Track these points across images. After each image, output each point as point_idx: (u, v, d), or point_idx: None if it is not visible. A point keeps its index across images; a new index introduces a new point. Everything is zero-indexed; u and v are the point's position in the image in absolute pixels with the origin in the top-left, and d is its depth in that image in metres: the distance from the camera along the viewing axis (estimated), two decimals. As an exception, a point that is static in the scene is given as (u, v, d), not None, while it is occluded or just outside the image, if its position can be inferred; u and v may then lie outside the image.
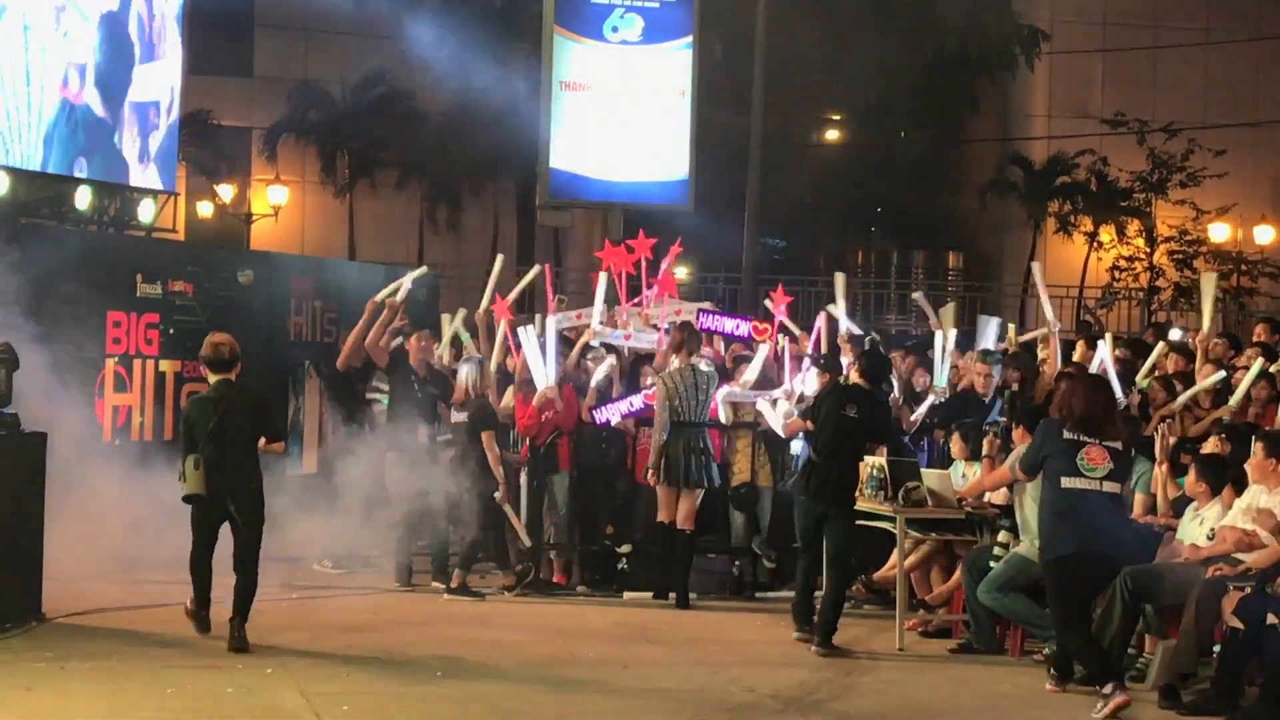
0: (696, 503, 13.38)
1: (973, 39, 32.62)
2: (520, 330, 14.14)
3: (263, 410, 11.17)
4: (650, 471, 13.32)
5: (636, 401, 13.84)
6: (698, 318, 14.45)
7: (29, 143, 18.96)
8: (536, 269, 15.76)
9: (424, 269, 16.23)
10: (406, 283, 14.87)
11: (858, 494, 11.93)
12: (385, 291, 14.60)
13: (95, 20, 19.77)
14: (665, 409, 13.22)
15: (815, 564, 11.97)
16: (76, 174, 19.75)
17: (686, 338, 13.53)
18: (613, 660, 11.07)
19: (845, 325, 15.08)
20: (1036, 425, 10.51)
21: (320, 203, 35.53)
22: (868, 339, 15.37)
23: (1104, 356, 13.96)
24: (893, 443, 13.52)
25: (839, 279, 15.78)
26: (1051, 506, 9.96)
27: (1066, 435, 9.94)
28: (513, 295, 15.42)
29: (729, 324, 14.73)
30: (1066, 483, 9.88)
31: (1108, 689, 9.64)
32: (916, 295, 16.26)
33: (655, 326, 14.43)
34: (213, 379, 11.02)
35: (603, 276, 14.79)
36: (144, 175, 21.05)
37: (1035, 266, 16.85)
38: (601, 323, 14.49)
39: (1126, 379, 13.92)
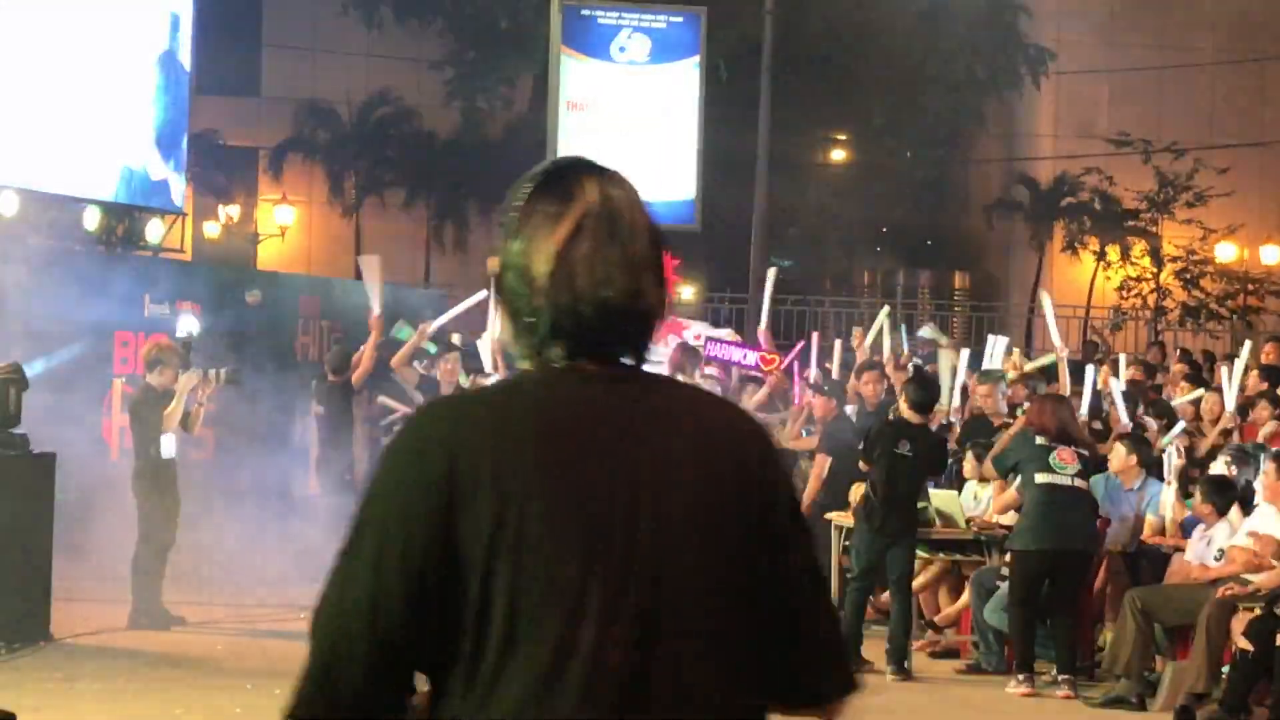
0: None
1: (979, 59, 32.66)
2: None
3: None
4: None
5: (750, 357, 13.87)
6: (705, 346, 14.44)
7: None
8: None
9: (483, 293, 15.97)
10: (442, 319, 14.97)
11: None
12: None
13: (152, 62, 19.48)
14: None
15: (868, 593, 11.82)
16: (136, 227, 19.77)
17: (685, 358, 13.56)
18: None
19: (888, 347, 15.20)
20: None
21: (327, 222, 35.56)
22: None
23: (1094, 381, 13.95)
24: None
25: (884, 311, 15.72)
26: (1030, 502, 10.91)
27: (1039, 442, 10.97)
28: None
29: (736, 354, 14.72)
30: (1041, 479, 10.83)
31: (1021, 677, 10.72)
32: (924, 331, 16.24)
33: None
34: None
35: None
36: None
37: (1044, 295, 16.80)
38: None
39: (1135, 400, 13.92)
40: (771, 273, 15.96)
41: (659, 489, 2.46)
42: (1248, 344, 15.61)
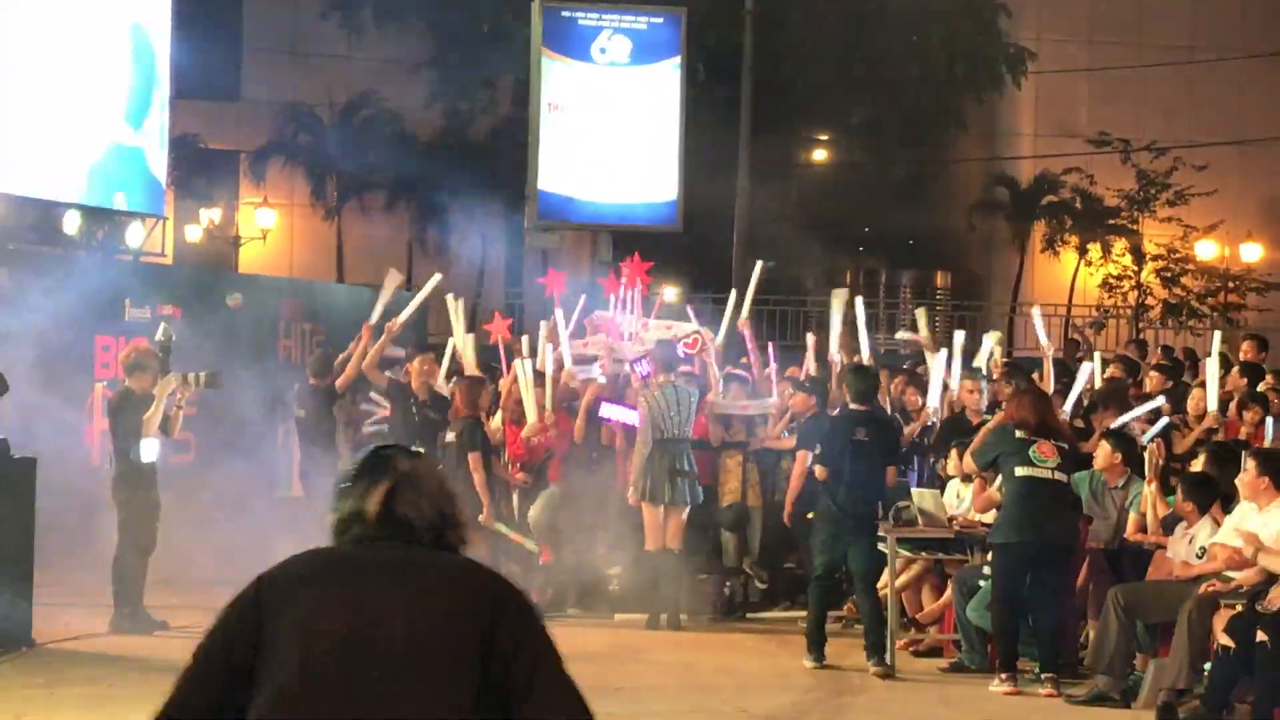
0: (683, 520, 13.37)
1: (960, 59, 32.70)
2: (517, 362, 14.13)
3: None
4: (633, 491, 13.32)
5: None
6: (635, 365, 14.36)
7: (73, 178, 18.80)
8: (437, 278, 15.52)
9: (438, 276, 15.88)
10: (415, 303, 14.89)
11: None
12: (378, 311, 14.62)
13: (125, 34, 19.31)
14: (647, 426, 13.25)
15: (832, 591, 12.01)
16: (116, 208, 19.60)
17: (662, 354, 13.58)
18: (606, 682, 11.05)
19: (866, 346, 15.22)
20: None
21: (309, 225, 35.50)
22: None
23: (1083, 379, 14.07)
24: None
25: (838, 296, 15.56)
26: (1010, 495, 10.96)
27: (1019, 435, 11.01)
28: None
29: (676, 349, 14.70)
30: (1021, 472, 10.89)
31: (1004, 676, 10.77)
32: (903, 334, 16.25)
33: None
34: None
35: (558, 312, 14.80)
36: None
37: (1035, 310, 16.80)
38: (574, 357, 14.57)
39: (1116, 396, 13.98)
40: (759, 266, 15.99)
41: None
42: (1218, 334, 15.65)
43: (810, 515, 12.41)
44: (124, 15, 19.04)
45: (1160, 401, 13.36)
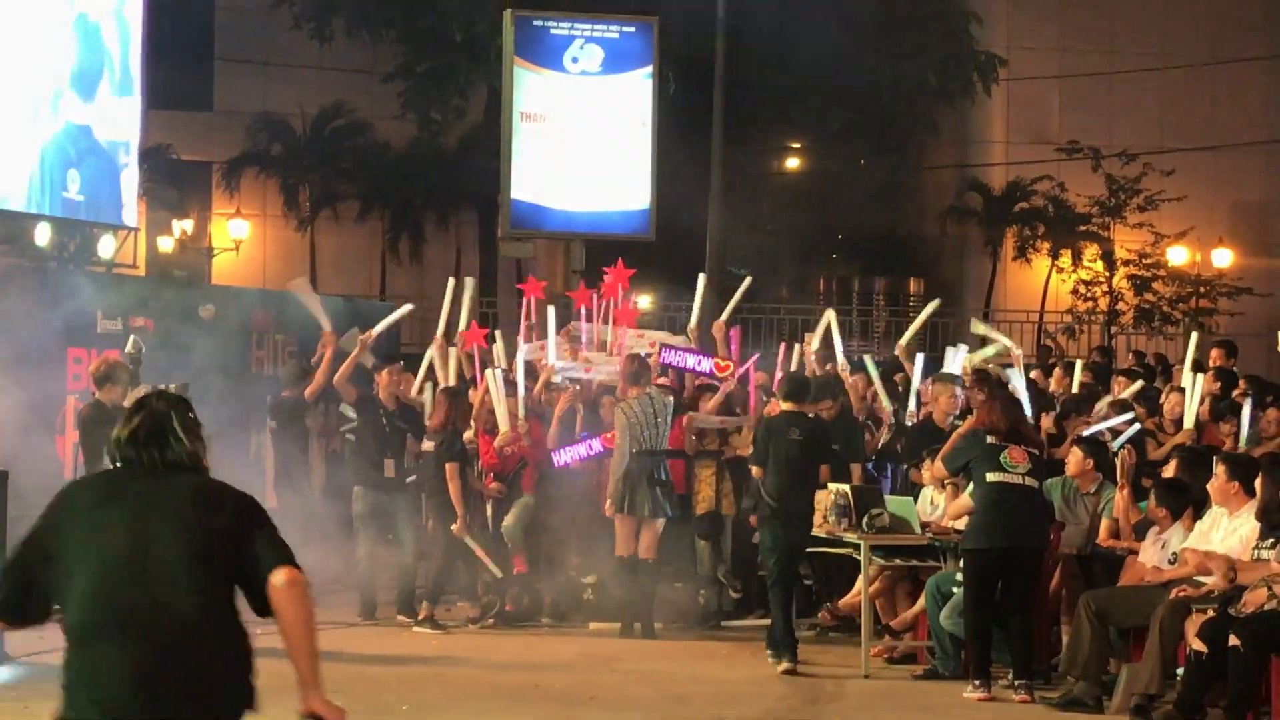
0: (658, 532, 13.37)
1: (932, 66, 32.77)
2: (487, 371, 14.13)
3: None
4: (610, 502, 13.31)
5: (596, 445, 13.78)
6: (660, 354, 14.41)
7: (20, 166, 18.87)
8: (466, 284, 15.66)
9: (408, 306, 16.02)
10: (381, 327, 14.93)
11: (821, 520, 12.02)
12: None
13: (70, 23, 19.57)
14: (625, 438, 13.24)
15: (791, 592, 12.10)
16: (70, 185, 19.62)
17: (637, 368, 13.56)
18: (579, 691, 11.07)
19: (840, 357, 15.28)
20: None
21: (282, 236, 35.46)
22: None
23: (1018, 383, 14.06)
24: (861, 468, 13.63)
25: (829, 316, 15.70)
26: (981, 500, 10.91)
27: (990, 441, 10.97)
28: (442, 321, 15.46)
29: (691, 360, 14.69)
30: (992, 477, 10.86)
31: (977, 682, 10.80)
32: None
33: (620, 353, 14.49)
34: None
35: (550, 310, 14.84)
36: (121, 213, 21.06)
37: (975, 322, 16.97)
38: (559, 356, 14.55)
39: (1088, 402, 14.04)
40: (747, 281, 16.19)
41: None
42: (1195, 336, 15.72)
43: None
44: (69, 7, 19.28)
45: (1129, 416, 13.37)
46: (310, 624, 5.24)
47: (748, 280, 16.33)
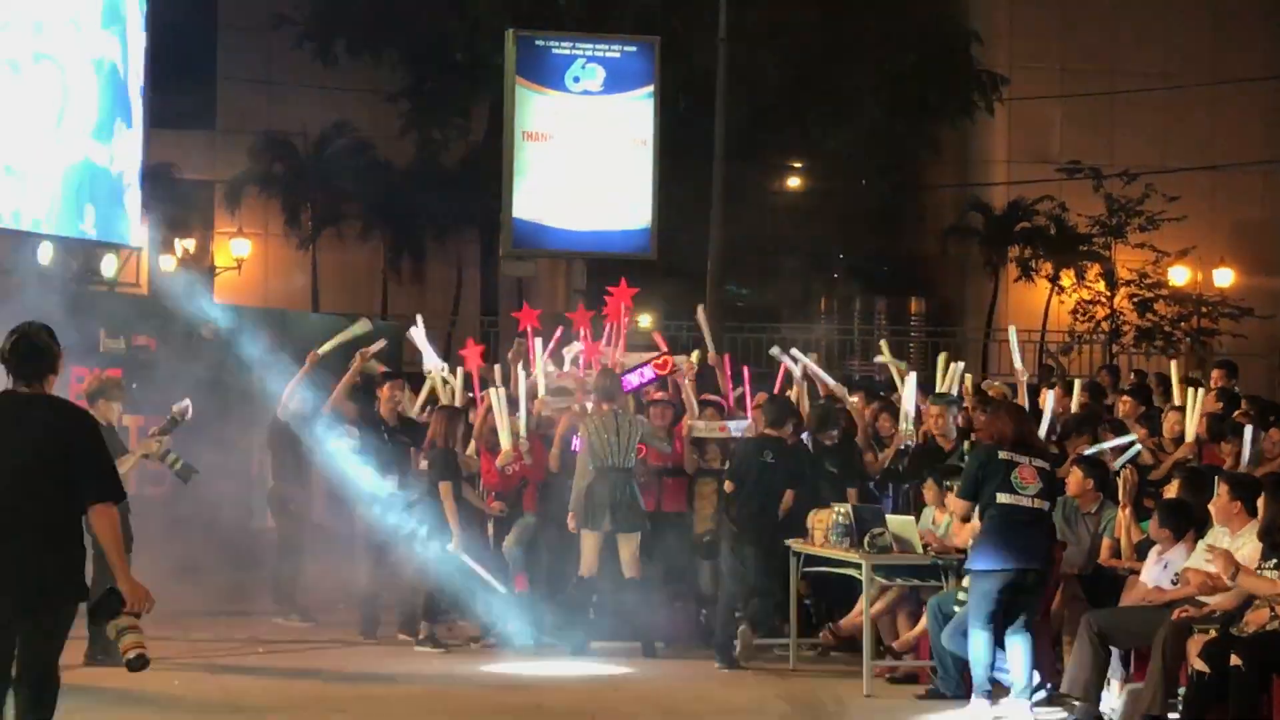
0: (635, 549, 13.37)
1: (932, 86, 32.82)
2: (490, 390, 14.14)
3: None
4: (572, 516, 13.37)
5: (648, 372, 13.99)
6: (623, 381, 14.39)
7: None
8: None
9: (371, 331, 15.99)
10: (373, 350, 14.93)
11: (823, 540, 12.05)
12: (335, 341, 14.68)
13: (89, 65, 19.61)
14: (587, 453, 13.30)
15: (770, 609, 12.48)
16: (85, 218, 19.67)
17: (609, 385, 13.62)
18: (580, 710, 11.07)
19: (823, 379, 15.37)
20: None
21: (283, 254, 35.49)
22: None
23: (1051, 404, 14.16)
24: (859, 489, 13.64)
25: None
26: (991, 521, 10.77)
27: (1001, 455, 10.79)
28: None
29: (634, 378, 14.71)
30: (1003, 499, 10.71)
31: (982, 704, 10.77)
32: (883, 356, 16.27)
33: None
34: None
35: (538, 342, 14.94)
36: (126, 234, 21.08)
37: (1011, 328, 16.95)
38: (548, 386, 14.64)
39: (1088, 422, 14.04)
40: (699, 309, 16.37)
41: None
42: (1173, 365, 15.77)
43: (788, 542, 12.54)
44: (89, 49, 19.29)
45: (1132, 438, 13.39)
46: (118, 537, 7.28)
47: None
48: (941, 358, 15.51)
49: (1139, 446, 13.25)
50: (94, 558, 7.34)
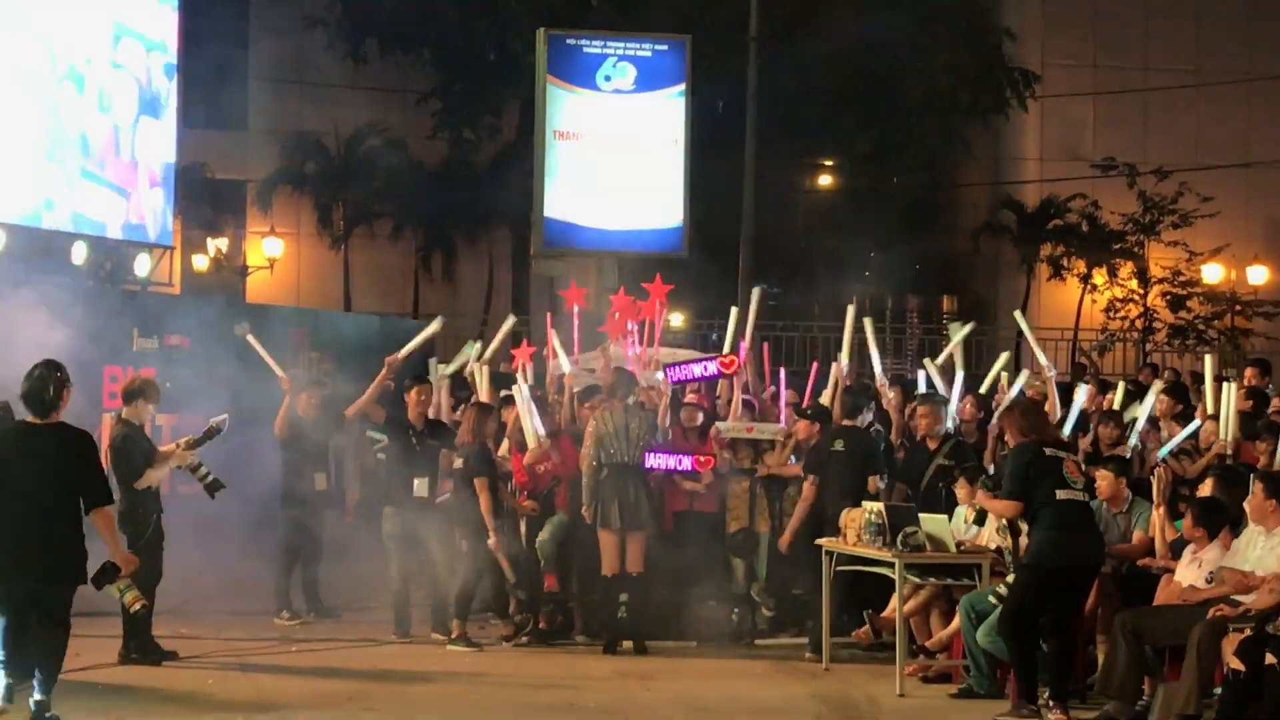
0: (641, 546, 13.33)
1: (965, 84, 32.74)
2: (515, 385, 14.14)
3: None
4: (586, 509, 13.34)
5: (686, 463, 13.68)
6: (667, 374, 14.35)
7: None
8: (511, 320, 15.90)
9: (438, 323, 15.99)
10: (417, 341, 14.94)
11: (855, 539, 12.01)
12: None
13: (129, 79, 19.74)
14: (593, 447, 13.27)
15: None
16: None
17: (615, 381, 13.60)
18: (613, 709, 11.06)
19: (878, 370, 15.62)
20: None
21: (315, 254, 35.58)
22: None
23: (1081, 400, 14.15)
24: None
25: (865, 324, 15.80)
26: (1051, 518, 10.48)
27: (1049, 453, 10.60)
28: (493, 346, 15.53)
29: (696, 369, 14.62)
30: (1062, 494, 10.48)
31: (1026, 710, 10.53)
32: (957, 334, 16.21)
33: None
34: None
35: (576, 323, 14.98)
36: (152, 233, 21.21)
37: (1018, 315, 16.94)
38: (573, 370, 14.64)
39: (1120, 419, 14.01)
40: (756, 293, 16.12)
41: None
42: (1208, 359, 15.70)
43: (819, 542, 12.53)
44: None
45: (1197, 424, 13.50)
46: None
47: (757, 292, 16.36)
48: (1002, 358, 15.67)
49: (1177, 440, 13.31)
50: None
